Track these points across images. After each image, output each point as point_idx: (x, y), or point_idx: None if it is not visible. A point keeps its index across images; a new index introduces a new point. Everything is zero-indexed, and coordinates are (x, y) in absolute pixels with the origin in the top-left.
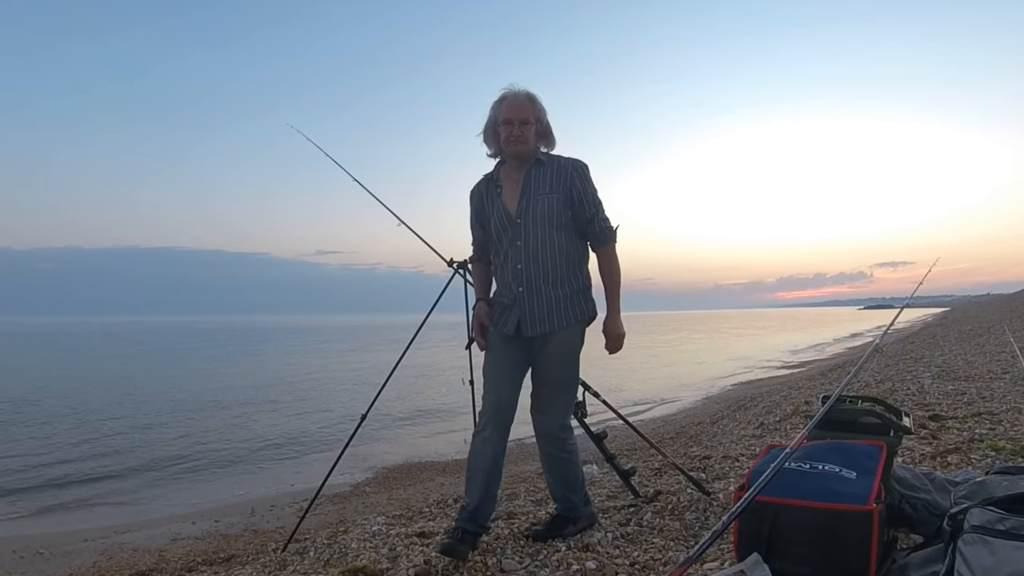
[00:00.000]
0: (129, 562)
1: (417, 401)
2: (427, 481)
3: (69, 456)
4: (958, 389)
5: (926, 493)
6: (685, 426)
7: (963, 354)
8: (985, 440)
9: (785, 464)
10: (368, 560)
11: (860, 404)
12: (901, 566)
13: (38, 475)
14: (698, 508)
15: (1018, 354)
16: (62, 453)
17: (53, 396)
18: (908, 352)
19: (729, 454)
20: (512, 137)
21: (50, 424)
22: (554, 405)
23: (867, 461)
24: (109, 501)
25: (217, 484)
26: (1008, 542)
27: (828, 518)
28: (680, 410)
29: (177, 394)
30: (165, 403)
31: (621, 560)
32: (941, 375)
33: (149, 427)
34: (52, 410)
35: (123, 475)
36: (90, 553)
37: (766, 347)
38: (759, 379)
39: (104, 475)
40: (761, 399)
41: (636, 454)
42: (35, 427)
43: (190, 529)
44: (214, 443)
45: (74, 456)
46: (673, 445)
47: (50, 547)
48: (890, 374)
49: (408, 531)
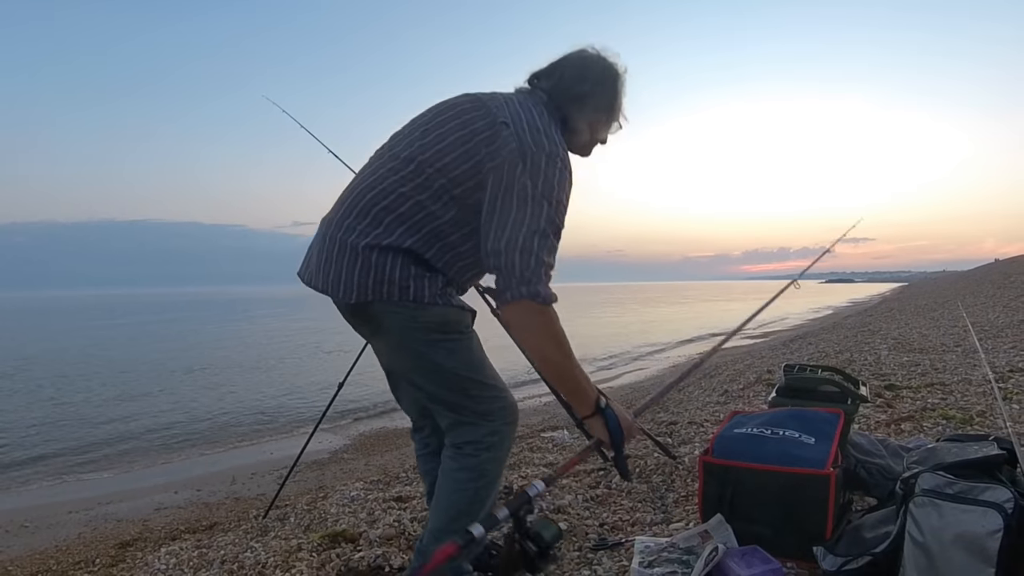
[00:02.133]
0: (114, 532)
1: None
2: (404, 447)
3: (49, 430)
4: (913, 360)
5: (880, 458)
6: (652, 392)
7: (918, 327)
8: (937, 409)
9: (747, 430)
10: (347, 524)
11: (820, 373)
12: (856, 527)
13: (18, 449)
14: (664, 472)
15: (969, 328)
16: (42, 427)
17: (30, 370)
18: (866, 324)
19: (694, 420)
20: (604, 140)
21: (28, 398)
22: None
23: (825, 427)
24: (92, 473)
25: (198, 453)
26: (956, 505)
27: (788, 481)
28: (648, 377)
29: (157, 366)
30: (145, 375)
31: (591, 521)
32: (897, 347)
33: (131, 399)
34: (30, 384)
35: (104, 446)
36: (75, 525)
37: (731, 318)
38: (724, 348)
39: (85, 446)
40: (725, 368)
41: None
42: (14, 399)
43: (173, 499)
44: (195, 413)
45: (55, 429)
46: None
47: (35, 520)
48: (848, 345)
49: (386, 496)
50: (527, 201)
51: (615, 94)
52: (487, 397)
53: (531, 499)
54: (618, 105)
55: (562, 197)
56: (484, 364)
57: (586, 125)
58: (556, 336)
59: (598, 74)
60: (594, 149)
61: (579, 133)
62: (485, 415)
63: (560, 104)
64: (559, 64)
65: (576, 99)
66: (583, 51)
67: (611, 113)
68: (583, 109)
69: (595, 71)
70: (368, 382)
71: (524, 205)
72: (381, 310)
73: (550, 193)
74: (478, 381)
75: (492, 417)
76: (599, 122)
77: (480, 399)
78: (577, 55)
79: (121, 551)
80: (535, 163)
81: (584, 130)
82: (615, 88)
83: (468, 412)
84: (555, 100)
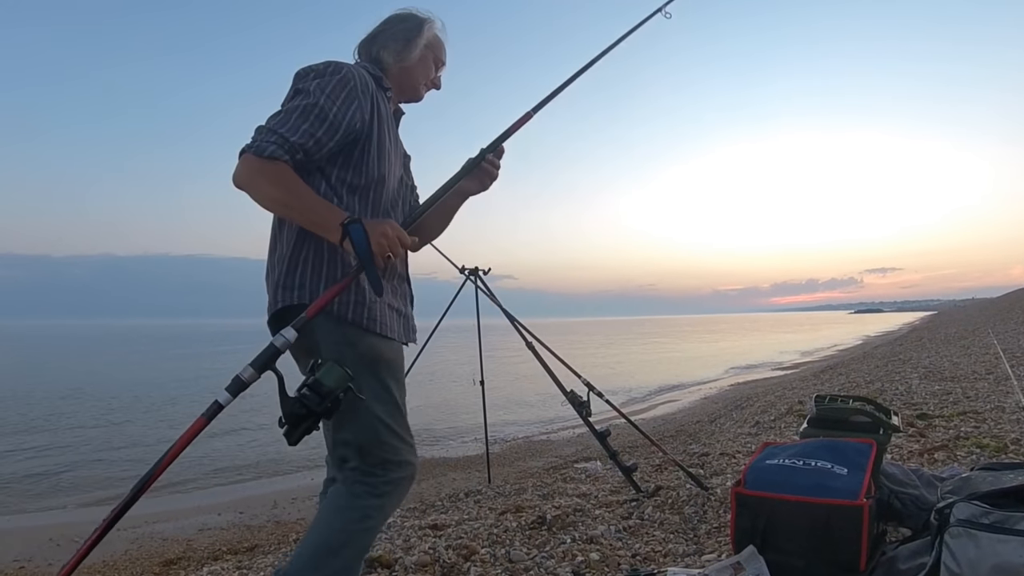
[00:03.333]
0: (159, 550)
1: (430, 400)
2: (439, 476)
3: (104, 450)
4: (944, 389)
5: (914, 488)
6: (684, 424)
7: (949, 356)
8: (970, 438)
9: (779, 461)
10: (383, 551)
11: (851, 403)
12: (890, 558)
13: (75, 468)
14: (696, 503)
15: (1001, 355)
16: (98, 447)
17: (87, 393)
18: (896, 354)
19: (726, 451)
20: (436, 84)
21: (85, 420)
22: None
23: (858, 458)
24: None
25: (241, 478)
26: (992, 535)
27: (821, 512)
28: (680, 409)
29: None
30: (195, 401)
31: (623, 552)
32: (928, 376)
33: (180, 423)
34: (86, 406)
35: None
36: (122, 542)
37: (762, 349)
38: (755, 380)
39: (136, 469)
40: (756, 399)
41: (638, 451)
42: (75, 418)
43: (216, 520)
44: (239, 439)
45: (109, 450)
46: (673, 443)
47: (84, 536)
48: (879, 375)
49: (421, 523)
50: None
51: (408, 28)
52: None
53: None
54: (415, 37)
55: (309, 87)
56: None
57: (388, 56)
58: (271, 176)
59: (390, 17)
60: (425, 92)
61: (385, 63)
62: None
63: (363, 49)
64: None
65: (371, 38)
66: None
67: (408, 44)
68: (375, 43)
69: (389, 17)
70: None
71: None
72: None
73: (296, 95)
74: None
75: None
76: (400, 52)
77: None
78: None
79: (165, 569)
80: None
81: (389, 62)
82: (408, 24)
83: (372, 458)
84: (361, 48)
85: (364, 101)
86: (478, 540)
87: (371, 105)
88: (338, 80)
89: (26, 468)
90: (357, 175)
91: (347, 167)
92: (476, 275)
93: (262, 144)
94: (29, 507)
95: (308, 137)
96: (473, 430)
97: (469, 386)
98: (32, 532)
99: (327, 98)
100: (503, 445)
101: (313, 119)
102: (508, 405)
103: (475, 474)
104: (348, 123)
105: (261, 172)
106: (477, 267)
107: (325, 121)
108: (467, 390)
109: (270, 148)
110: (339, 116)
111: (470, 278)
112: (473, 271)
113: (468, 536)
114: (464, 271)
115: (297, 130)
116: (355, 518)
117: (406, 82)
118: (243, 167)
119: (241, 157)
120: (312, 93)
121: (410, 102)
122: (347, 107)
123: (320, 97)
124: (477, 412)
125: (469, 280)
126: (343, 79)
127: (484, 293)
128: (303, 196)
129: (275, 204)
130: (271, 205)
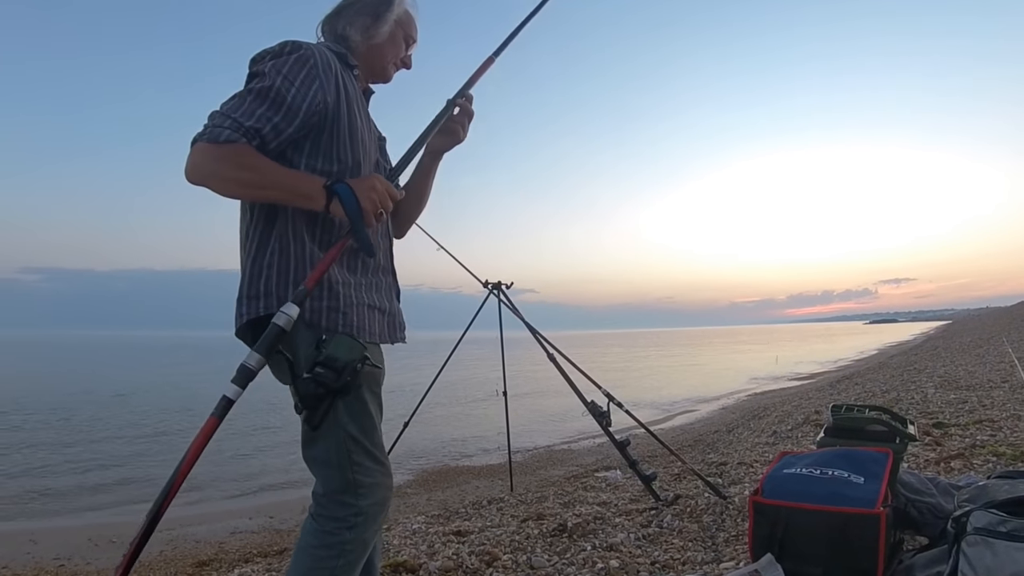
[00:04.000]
0: (192, 552)
1: (454, 410)
2: (463, 484)
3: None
4: (960, 398)
5: (931, 497)
6: (703, 434)
7: (964, 364)
8: (986, 446)
9: (797, 470)
10: (408, 556)
11: (867, 413)
12: (907, 566)
13: (117, 470)
14: (715, 511)
15: (1016, 364)
16: (135, 450)
17: (129, 400)
18: (912, 363)
19: (744, 460)
20: (407, 63)
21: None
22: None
23: (874, 467)
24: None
25: (271, 484)
26: (1010, 543)
27: (838, 521)
28: (698, 419)
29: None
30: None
31: (643, 559)
32: (943, 385)
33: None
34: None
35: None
36: (157, 543)
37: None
38: (772, 390)
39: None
40: (774, 409)
41: (657, 460)
42: (118, 420)
43: (247, 524)
44: (270, 445)
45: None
46: (692, 452)
47: (121, 536)
48: (895, 384)
49: (445, 529)
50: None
51: (377, 1)
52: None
53: None
54: (385, 12)
55: (264, 69)
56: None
57: (355, 32)
58: (233, 160)
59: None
60: (394, 71)
61: (351, 41)
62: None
63: (327, 26)
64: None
65: (336, 13)
66: None
67: (378, 19)
68: (340, 18)
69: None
70: (430, 420)
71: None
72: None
73: (251, 79)
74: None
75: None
76: (368, 28)
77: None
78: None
79: (198, 570)
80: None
81: (356, 39)
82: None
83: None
84: (325, 24)
85: (327, 81)
86: (500, 546)
87: (336, 85)
88: (295, 59)
89: (66, 471)
90: (328, 162)
91: (316, 155)
92: (499, 289)
93: (216, 130)
94: (69, 509)
95: (265, 122)
96: (496, 439)
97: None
98: (71, 533)
99: (284, 79)
100: (525, 454)
101: (269, 103)
102: (530, 415)
103: (498, 482)
104: (309, 106)
105: (220, 158)
106: (500, 282)
107: (283, 105)
108: (490, 400)
109: (225, 133)
110: (297, 98)
111: (493, 292)
112: (496, 285)
113: (491, 542)
114: (487, 285)
115: (252, 114)
116: (331, 555)
117: (374, 61)
118: (198, 157)
119: (193, 147)
120: (268, 75)
121: (377, 82)
122: (307, 88)
123: (276, 79)
124: (500, 422)
125: (492, 294)
126: (300, 58)
127: (507, 307)
128: (273, 171)
129: (244, 188)
130: (239, 190)
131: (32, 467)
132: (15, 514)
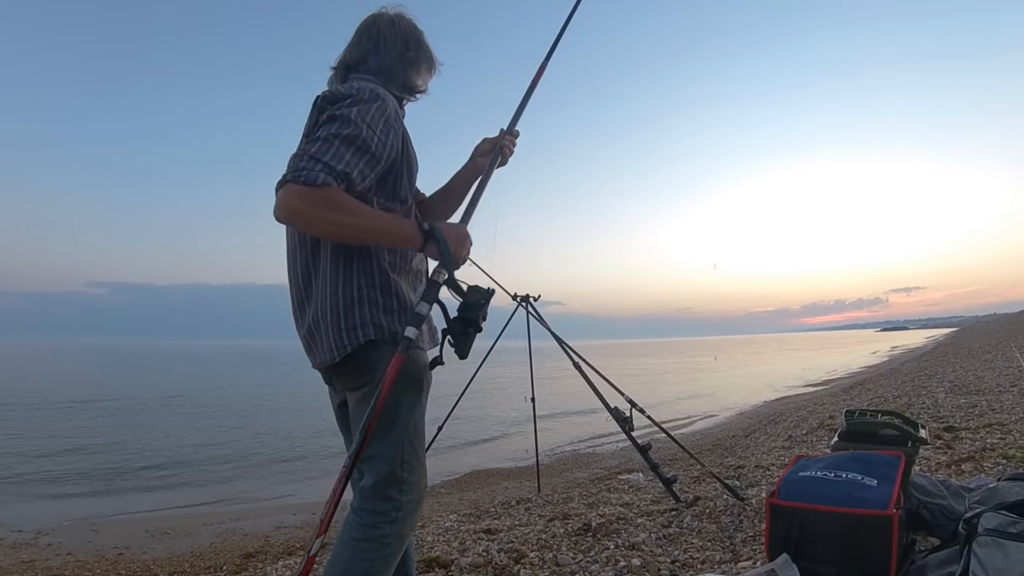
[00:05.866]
0: (240, 544)
1: (485, 415)
2: (493, 485)
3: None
4: (970, 402)
5: (942, 499)
6: (721, 438)
7: (973, 370)
8: (996, 449)
9: (812, 473)
10: (441, 552)
11: (880, 418)
12: (920, 567)
13: (176, 468)
14: (733, 512)
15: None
16: (195, 449)
17: (186, 404)
18: (923, 369)
19: (761, 464)
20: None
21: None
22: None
23: (887, 470)
24: (226, 494)
25: (316, 481)
26: (1020, 544)
27: (852, 522)
28: (717, 424)
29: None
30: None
31: (663, 558)
32: (954, 389)
33: (263, 434)
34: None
35: (239, 474)
36: (208, 535)
37: (794, 367)
38: (787, 396)
39: (223, 472)
40: (789, 414)
41: (677, 463)
42: (175, 420)
43: (292, 519)
44: (315, 448)
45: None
46: (710, 455)
47: (175, 528)
48: (907, 389)
49: (476, 527)
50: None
51: (426, 51)
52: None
53: None
54: (432, 58)
55: (349, 115)
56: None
57: (421, 81)
58: (331, 203)
59: (386, 28)
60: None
61: (417, 89)
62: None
63: (383, 68)
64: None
65: (399, 57)
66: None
67: (431, 67)
68: (407, 67)
69: (383, 29)
70: (462, 425)
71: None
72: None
73: (332, 122)
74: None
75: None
76: (427, 75)
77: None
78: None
79: (245, 561)
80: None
81: (421, 86)
82: (417, 35)
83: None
84: (374, 63)
85: (399, 129)
86: (528, 544)
87: (403, 132)
88: (376, 108)
89: (127, 465)
90: (391, 200)
91: (381, 193)
92: (527, 301)
93: (310, 174)
94: (128, 501)
95: (353, 167)
96: (524, 443)
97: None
98: (130, 523)
99: (368, 128)
100: (552, 457)
101: (355, 149)
102: (557, 420)
103: (526, 483)
104: (388, 154)
105: (317, 202)
106: (528, 294)
107: (368, 152)
108: (519, 406)
109: (321, 176)
110: (380, 147)
111: (522, 304)
112: (524, 298)
113: (519, 540)
114: (516, 298)
115: (342, 159)
116: (371, 547)
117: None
118: (290, 198)
119: (283, 188)
120: (353, 122)
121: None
122: (386, 137)
123: (362, 127)
124: (528, 426)
125: (521, 306)
126: (380, 108)
127: (535, 318)
128: (370, 215)
129: (341, 230)
130: (336, 231)
131: (111, 461)
132: (82, 503)
